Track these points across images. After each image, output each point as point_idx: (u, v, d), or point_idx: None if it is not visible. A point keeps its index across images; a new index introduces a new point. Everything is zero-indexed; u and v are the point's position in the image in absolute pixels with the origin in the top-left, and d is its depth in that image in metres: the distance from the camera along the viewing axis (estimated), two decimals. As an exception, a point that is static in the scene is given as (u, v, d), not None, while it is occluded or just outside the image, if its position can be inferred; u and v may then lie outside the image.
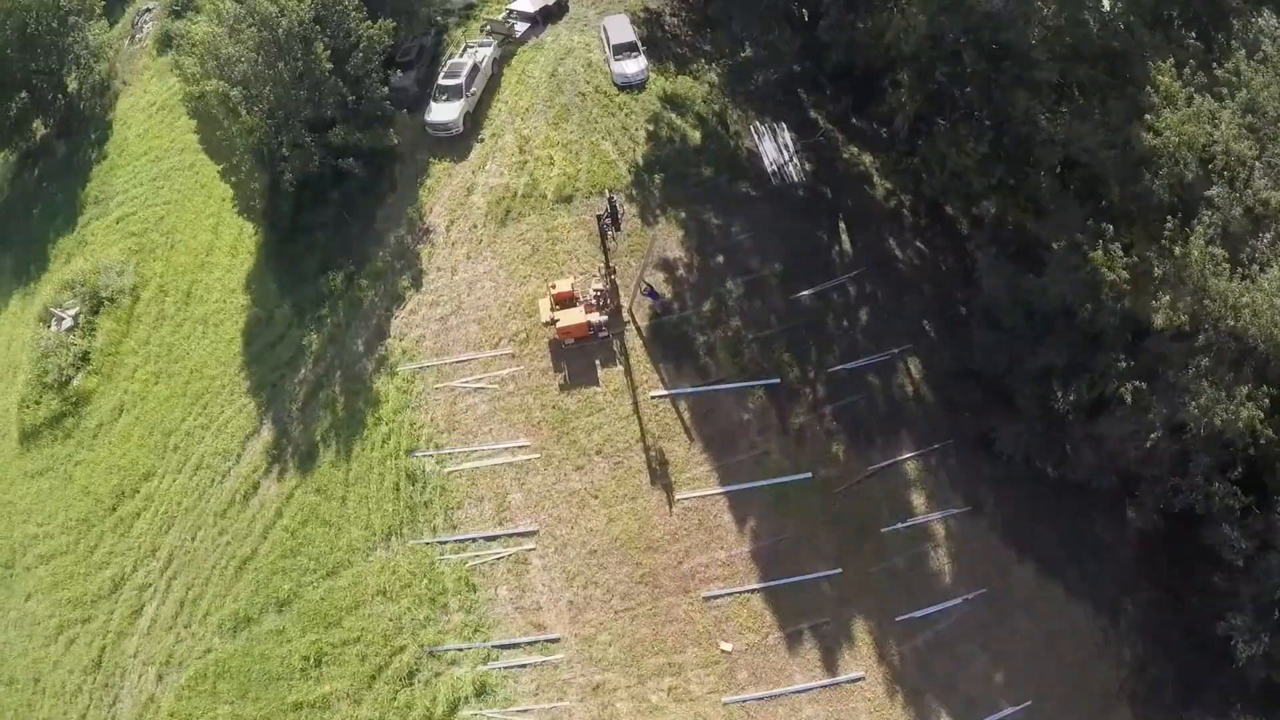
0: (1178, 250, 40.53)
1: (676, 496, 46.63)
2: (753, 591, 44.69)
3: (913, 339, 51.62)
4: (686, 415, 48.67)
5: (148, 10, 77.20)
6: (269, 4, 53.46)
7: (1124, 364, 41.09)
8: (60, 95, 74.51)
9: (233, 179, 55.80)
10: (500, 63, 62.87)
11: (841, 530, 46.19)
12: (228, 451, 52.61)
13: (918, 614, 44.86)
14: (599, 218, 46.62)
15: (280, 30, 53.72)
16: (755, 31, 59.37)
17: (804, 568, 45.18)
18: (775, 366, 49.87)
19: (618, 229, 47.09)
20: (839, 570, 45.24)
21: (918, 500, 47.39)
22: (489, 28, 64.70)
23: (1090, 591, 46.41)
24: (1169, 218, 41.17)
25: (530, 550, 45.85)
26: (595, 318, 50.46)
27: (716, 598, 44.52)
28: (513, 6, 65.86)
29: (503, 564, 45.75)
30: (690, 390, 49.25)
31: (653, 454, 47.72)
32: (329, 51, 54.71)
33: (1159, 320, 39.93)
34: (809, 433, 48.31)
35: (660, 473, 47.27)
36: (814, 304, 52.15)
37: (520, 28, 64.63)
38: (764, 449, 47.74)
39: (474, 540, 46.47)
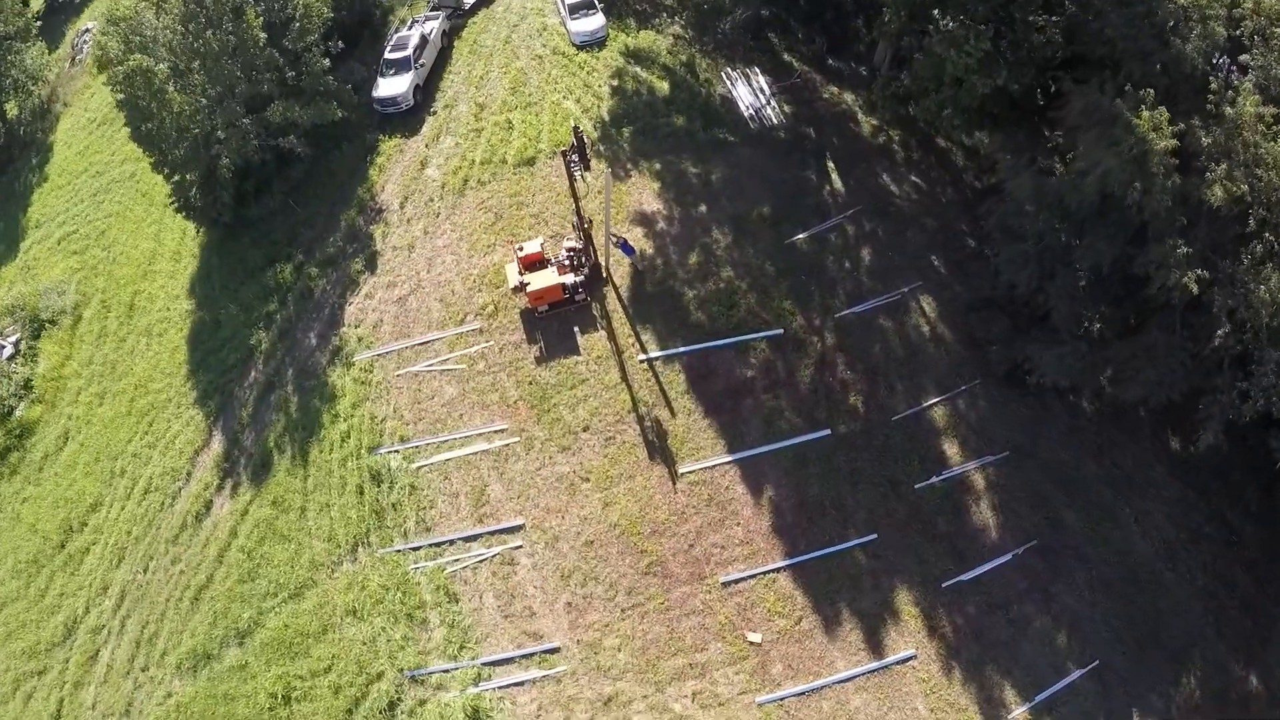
0: (1228, 111, 31.42)
1: (680, 470, 36.27)
2: (778, 571, 34.34)
3: (921, 275, 41.44)
4: (682, 378, 38.31)
5: (87, 30, 66.60)
6: None
7: (1183, 250, 31.34)
8: (0, 121, 64.14)
9: (165, 170, 45.37)
10: (450, 35, 53.09)
11: (871, 491, 35.94)
12: (177, 470, 41.96)
13: (966, 577, 34.77)
14: (564, 154, 36.27)
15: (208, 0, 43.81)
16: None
17: (833, 537, 34.95)
18: (776, 316, 39.57)
19: (587, 168, 36.70)
20: (873, 536, 35.06)
21: (950, 450, 37.20)
22: (436, 2, 54.77)
23: (1145, 532, 36.98)
24: (1211, 79, 32.29)
25: (517, 548, 35.40)
26: (570, 279, 40.18)
27: (737, 582, 34.16)
28: (460, -22, 56.24)
29: (487, 566, 35.24)
30: (684, 349, 38.87)
31: (648, 425, 37.37)
32: (261, 20, 44.73)
33: (1217, 194, 30.87)
34: (822, 385, 38.02)
35: (659, 445, 36.90)
36: (811, 247, 41.92)
37: (469, 0, 54.79)
38: (774, 407, 37.39)
39: (451, 542, 35.94)
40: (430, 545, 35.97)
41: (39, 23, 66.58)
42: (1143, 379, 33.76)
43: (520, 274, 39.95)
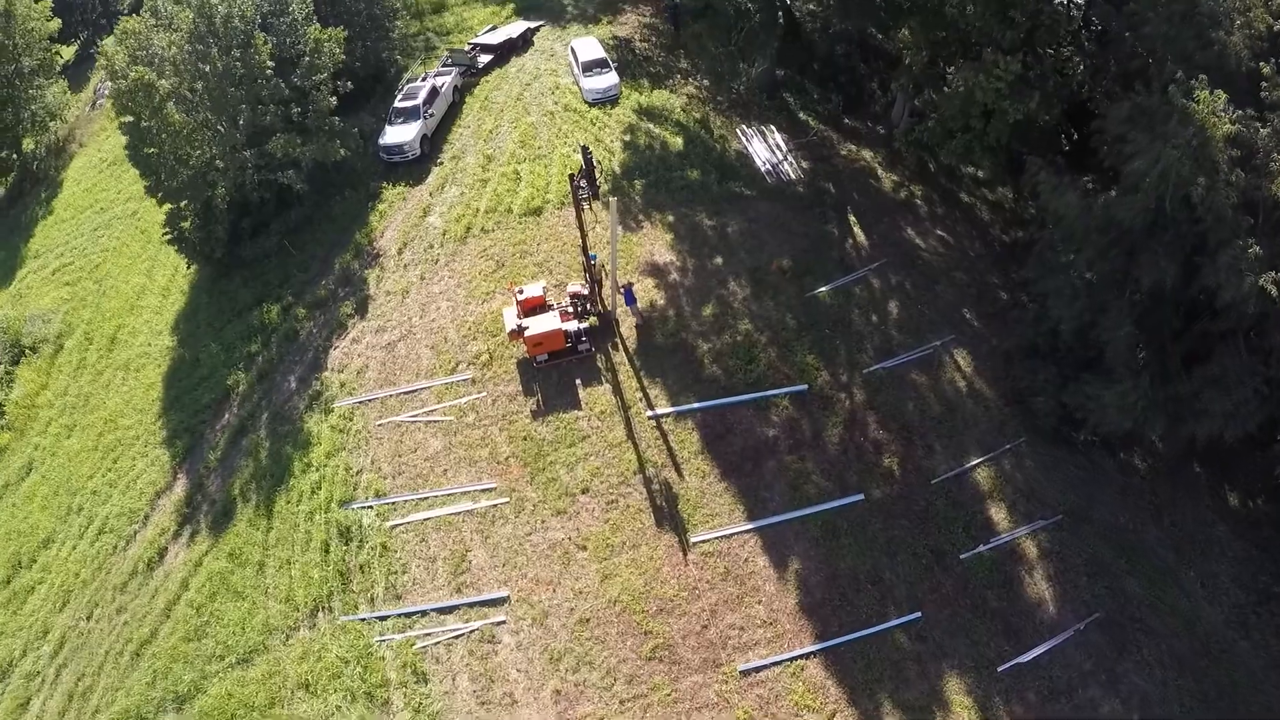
0: None
1: (692, 540, 28.28)
2: (806, 657, 25.97)
3: (955, 329, 33.96)
4: (695, 437, 30.62)
5: (110, 76, 61.38)
6: None
7: (1255, 251, 24.77)
8: (15, 154, 57.77)
9: (159, 194, 38.60)
10: (462, 91, 46.99)
11: (912, 562, 27.81)
12: (134, 512, 33.93)
13: (1024, 658, 26.40)
14: (571, 178, 29.52)
15: (217, 18, 37.73)
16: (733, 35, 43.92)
17: (871, 616, 26.72)
18: (799, 372, 32.03)
19: (596, 196, 29.85)
20: (917, 615, 26.84)
21: (998, 515, 29.19)
22: (451, 59, 49.07)
23: (1213, 597, 29.19)
24: (1263, 64, 26.49)
25: (499, 624, 27.12)
26: (573, 326, 33.03)
27: (758, 670, 25.76)
28: (476, 40, 50.63)
29: (463, 643, 26.92)
30: (698, 406, 31.30)
31: (656, 488, 29.60)
32: (269, 46, 38.69)
33: None
34: (852, 446, 30.27)
35: (668, 511, 29.01)
36: (835, 300, 34.68)
37: (483, 59, 49.00)
38: (799, 470, 29.53)
39: (424, 613, 27.68)
40: (399, 615, 27.73)
41: (63, 59, 60.99)
42: (1215, 410, 26.59)
43: (518, 317, 32.89)
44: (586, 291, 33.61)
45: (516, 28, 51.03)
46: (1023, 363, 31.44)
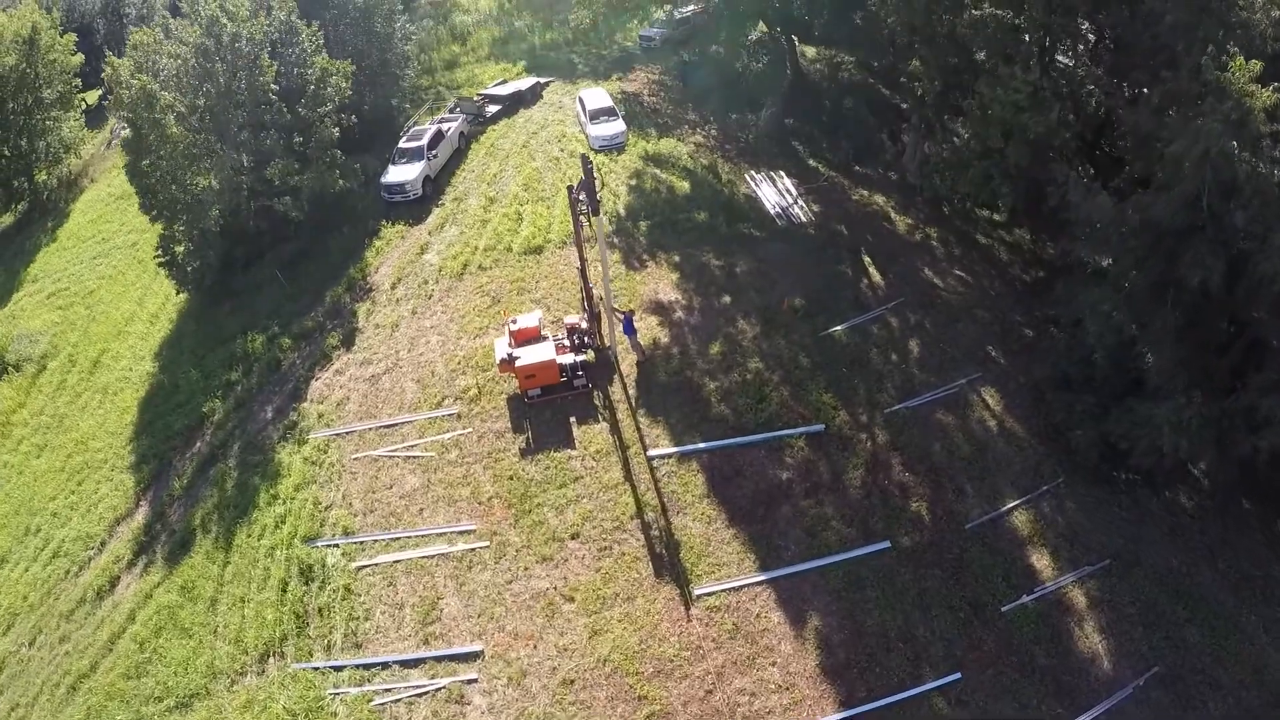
0: None
1: (696, 592, 23.36)
2: None
3: (980, 366, 29.51)
4: (701, 480, 25.95)
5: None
6: (215, 6, 35.54)
7: None
8: (27, 182, 54.38)
9: (153, 212, 35.44)
10: (468, 138, 44.01)
11: (948, 616, 22.77)
12: (91, 537, 29.33)
13: None
14: (569, 190, 25.72)
15: (224, 36, 34.99)
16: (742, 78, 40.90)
17: (904, 678, 21.60)
18: (815, 411, 27.53)
19: (596, 212, 25.97)
20: (956, 675, 21.72)
21: (1040, 562, 24.22)
22: (459, 107, 46.31)
23: (1278, 642, 23.86)
24: None
25: (470, 682, 22.02)
26: (569, 359, 28.90)
27: (771, 744, 20.94)
28: (485, 91, 48.02)
29: (427, 703, 21.78)
30: (705, 446, 26.84)
31: (656, 534, 24.83)
32: (274, 67, 36.05)
33: None
34: (876, 489, 25.56)
35: (668, 560, 24.18)
36: (851, 339, 30.44)
37: (491, 109, 46.24)
38: (817, 515, 24.77)
39: (385, 666, 22.65)
40: (358, 666, 22.67)
41: (82, 98, 57.84)
42: (1278, 419, 22.07)
43: (510, 347, 28.77)
44: (585, 324, 29.59)
45: (526, 82, 48.47)
46: (1056, 395, 26.99)
